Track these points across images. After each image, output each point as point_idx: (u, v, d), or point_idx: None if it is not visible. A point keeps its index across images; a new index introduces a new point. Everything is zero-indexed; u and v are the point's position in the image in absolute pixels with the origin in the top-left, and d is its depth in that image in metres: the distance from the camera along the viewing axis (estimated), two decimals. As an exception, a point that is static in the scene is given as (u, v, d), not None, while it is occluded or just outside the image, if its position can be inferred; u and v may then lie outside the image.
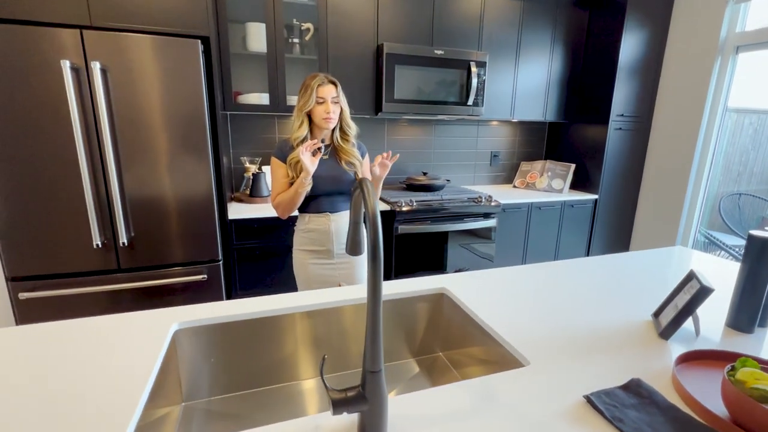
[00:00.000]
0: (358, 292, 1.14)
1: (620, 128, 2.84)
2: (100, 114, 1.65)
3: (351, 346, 1.13)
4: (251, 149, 2.56)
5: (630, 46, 2.70)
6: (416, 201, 2.40)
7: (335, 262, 1.62)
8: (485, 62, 2.56)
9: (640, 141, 2.96)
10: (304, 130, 1.51)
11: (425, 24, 2.48)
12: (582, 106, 3.00)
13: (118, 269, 1.84)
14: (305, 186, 1.45)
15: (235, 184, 2.58)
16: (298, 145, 1.49)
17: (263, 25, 2.19)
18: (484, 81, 2.58)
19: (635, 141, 2.94)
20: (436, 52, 2.44)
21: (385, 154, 1.51)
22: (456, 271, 2.60)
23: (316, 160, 1.45)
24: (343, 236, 1.60)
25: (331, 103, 1.48)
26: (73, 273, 1.78)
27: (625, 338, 0.90)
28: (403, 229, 2.34)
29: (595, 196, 2.92)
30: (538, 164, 3.18)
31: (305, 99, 1.48)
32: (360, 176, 1.63)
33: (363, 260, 1.70)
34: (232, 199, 2.44)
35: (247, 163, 2.50)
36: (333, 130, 1.56)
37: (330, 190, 1.56)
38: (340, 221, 1.59)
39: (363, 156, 1.66)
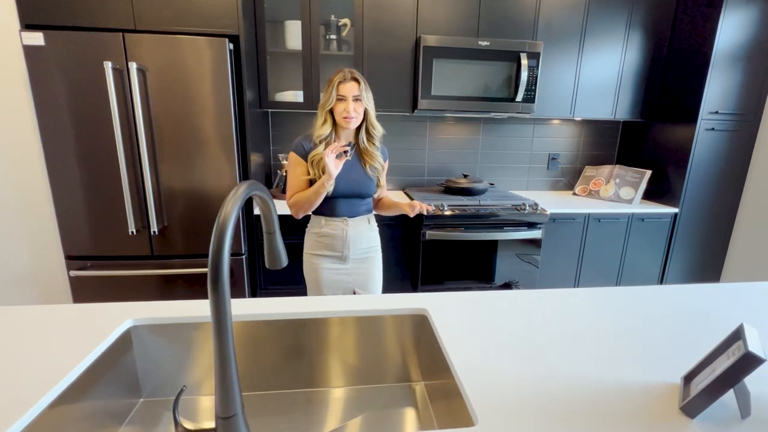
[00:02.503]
0: (329, 304, 1.04)
1: (713, 128, 2.32)
2: (136, 112, 1.77)
3: (329, 360, 1.04)
4: (290, 146, 2.59)
5: (731, 28, 2.19)
6: (448, 205, 2.21)
7: (349, 268, 1.54)
8: (539, 53, 2.27)
9: (741, 143, 2.40)
10: (327, 129, 1.44)
11: (471, 14, 2.28)
12: (664, 103, 2.52)
13: (151, 256, 1.97)
14: (326, 188, 1.39)
15: (274, 180, 2.64)
16: (321, 143, 1.44)
17: (300, 23, 2.19)
18: (537, 74, 2.29)
19: (734, 143, 2.39)
20: (480, 43, 2.23)
21: (427, 208, 1.46)
22: (504, 285, 2.36)
23: (341, 164, 1.37)
24: (359, 242, 1.53)
25: (353, 101, 1.39)
26: (114, 256, 1.95)
27: (629, 407, 0.67)
28: (431, 235, 2.18)
29: (675, 210, 2.44)
30: (605, 170, 2.76)
31: (326, 96, 1.42)
32: (382, 183, 1.55)
33: (377, 265, 1.62)
34: (267, 195, 2.49)
35: (284, 160, 2.53)
36: (358, 130, 1.48)
37: (349, 193, 1.48)
38: (357, 227, 1.52)
39: (385, 159, 1.57)
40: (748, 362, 0.60)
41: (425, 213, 1.46)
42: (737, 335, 0.67)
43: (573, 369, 0.77)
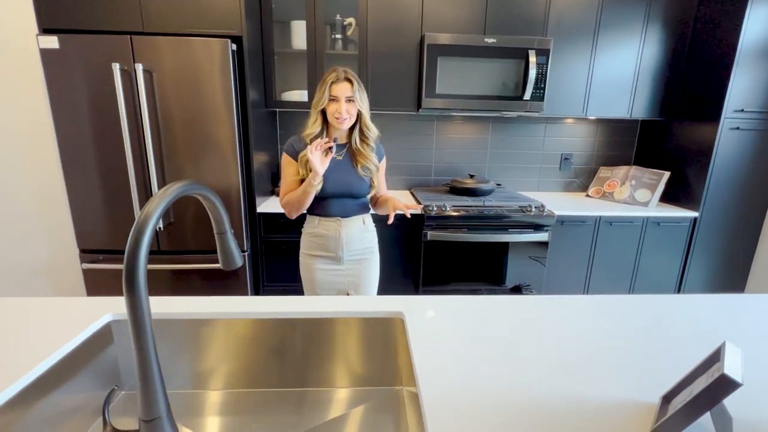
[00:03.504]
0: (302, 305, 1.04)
1: (737, 127, 2.18)
2: (142, 112, 1.83)
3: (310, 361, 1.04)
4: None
5: (759, 20, 2.05)
6: (451, 206, 2.18)
7: (344, 269, 1.53)
8: (548, 50, 2.19)
9: (769, 144, 2.24)
10: (318, 128, 1.42)
11: (478, 11, 2.22)
12: (685, 101, 2.39)
13: (158, 251, 2.04)
14: (314, 186, 1.38)
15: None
16: (311, 142, 1.41)
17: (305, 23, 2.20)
18: (546, 72, 2.22)
19: (762, 143, 2.23)
20: (486, 40, 2.17)
21: (409, 208, 1.39)
22: (514, 288, 2.30)
23: (327, 161, 1.36)
24: (353, 242, 1.52)
25: (345, 102, 1.36)
26: (124, 250, 2.02)
27: (595, 427, 0.63)
28: (433, 235, 2.15)
29: (695, 214, 2.30)
30: (621, 171, 2.64)
31: (319, 95, 1.40)
32: (375, 183, 1.52)
33: (373, 267, 1.59)
34: (273, 193, 2.53)
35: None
36: (351, 130, 1.46)
37: (341, 194, 1.46)
38: (351, 227, 1.50)
39: (380, 159, 1.54)
40: (724, 385, 0.56)
41: (408, 215, 1.40)
42: (718, 354, 0.62)
43: (545, 382, 0.74)
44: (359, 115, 1.42)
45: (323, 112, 1.41)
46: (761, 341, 0.90)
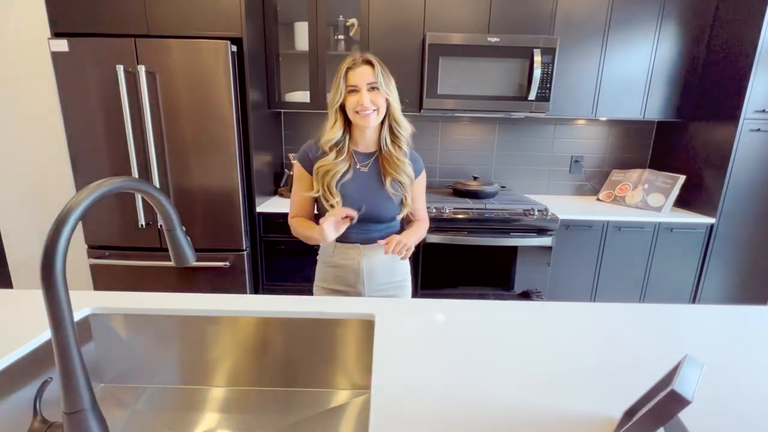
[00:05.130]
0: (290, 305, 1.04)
1: (758, 129, 2.05)
2: (144, 113, 1.88)
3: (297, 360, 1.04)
4: (301, 146, 2.63)
5: (783, 14, 1.92)
6: (450, 208, 2.14)
7: None
8: (554, 48, 2.13)
9: (796, 148, 2.10)
10: (338, 131, 1.14)
11: (482, 10, 2.18)
12: (702, 101, 2.27)
13: (160, 248, 2.09)
14: (320, 242, 1.20)
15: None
16: (331, 150, 1.15)
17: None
18: (552, 71, 2.15)
19: (786, 147, 2.10)
20: (489, 39, 2.13)
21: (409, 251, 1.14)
22: (522, 293, 2.24)
23: (343, 227, 1.10)
24: (377, 275, 1.25)
25: (368, 91, 1.07)
26: (128, 247, 2.08)
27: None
28: (430, 238, 2.12)
29: (711, 220, 2.18)
30: (634, 174, 2.53)
31: (334, 89, 1.11)
32: (408, 201, 1.22)
33: (405, 293, 1.34)
34: (276, 193, 2.55)
35: (295, 159, 2.58)
36: (380, 130, 1.17)
37: (360, 217, 1.15)
38: (374, 255, 1.22)
39: (418, 174, 1.24)
40: (673, 401, 0.52)
41: (395, 255, 1.12)
42: (676, 370, 0.57)
43: (507, 394, 0.70)
44: (388, 108, 1.13)
45: (343, 111, 1.14)
46: (760, 358, 0.83)
